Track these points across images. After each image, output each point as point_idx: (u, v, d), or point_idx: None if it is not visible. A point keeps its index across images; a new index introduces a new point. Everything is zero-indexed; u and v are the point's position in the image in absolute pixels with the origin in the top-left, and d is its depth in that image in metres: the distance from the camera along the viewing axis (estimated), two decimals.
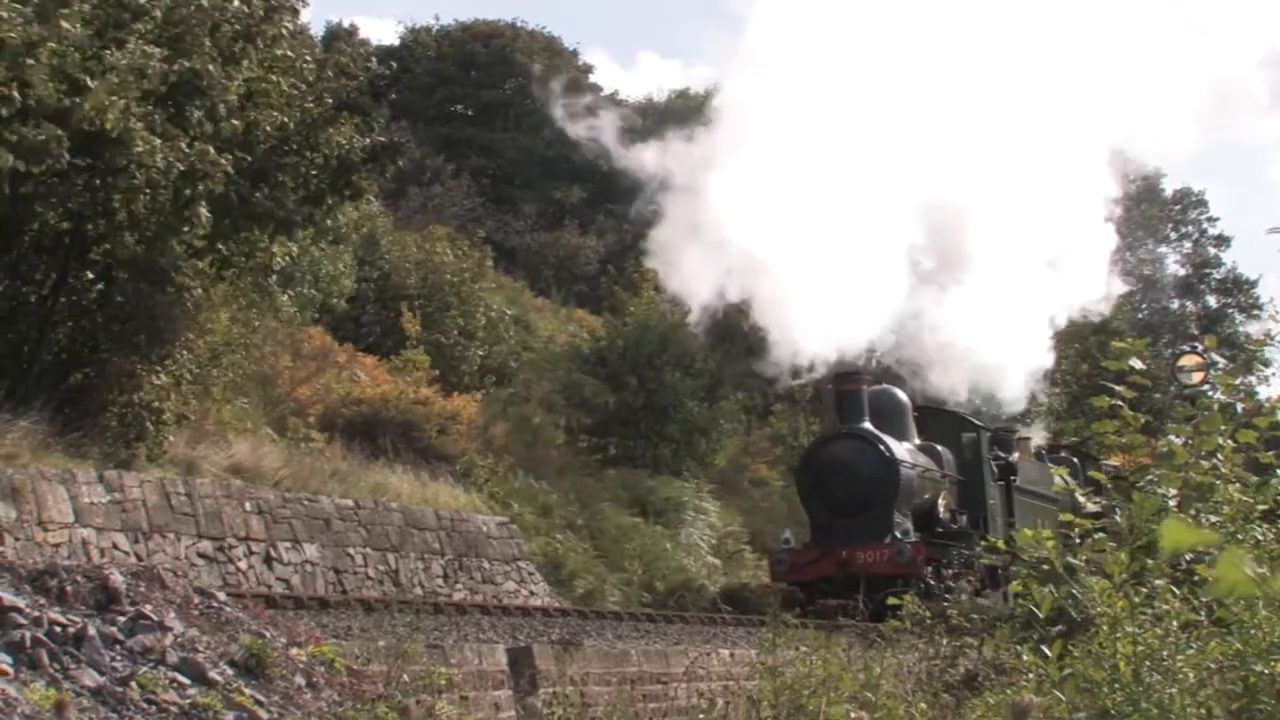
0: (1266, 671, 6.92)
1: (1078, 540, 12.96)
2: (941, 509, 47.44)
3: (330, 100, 47.49)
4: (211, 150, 39.73)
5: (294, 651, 22.53)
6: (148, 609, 21.68)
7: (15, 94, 35.20)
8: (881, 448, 43.35)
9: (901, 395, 50.56)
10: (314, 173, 45.87)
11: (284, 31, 45.73)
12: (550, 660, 27.17)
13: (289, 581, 39.27)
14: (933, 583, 41.88)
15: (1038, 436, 71.56)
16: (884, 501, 42.14)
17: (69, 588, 21.54)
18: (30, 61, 34.18)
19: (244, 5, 43.68)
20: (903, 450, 45.76)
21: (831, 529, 43.41)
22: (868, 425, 45.45)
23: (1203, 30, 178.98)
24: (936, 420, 52.13)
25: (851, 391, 45.56)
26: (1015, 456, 56.39)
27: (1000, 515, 51.54)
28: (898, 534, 43.64)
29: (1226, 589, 5.94)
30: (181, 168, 38.72)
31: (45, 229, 39.05)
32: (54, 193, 37.29)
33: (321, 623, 25.75)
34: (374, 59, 48.95)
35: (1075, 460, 61.74)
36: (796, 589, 46.65)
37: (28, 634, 20.16)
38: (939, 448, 50.42)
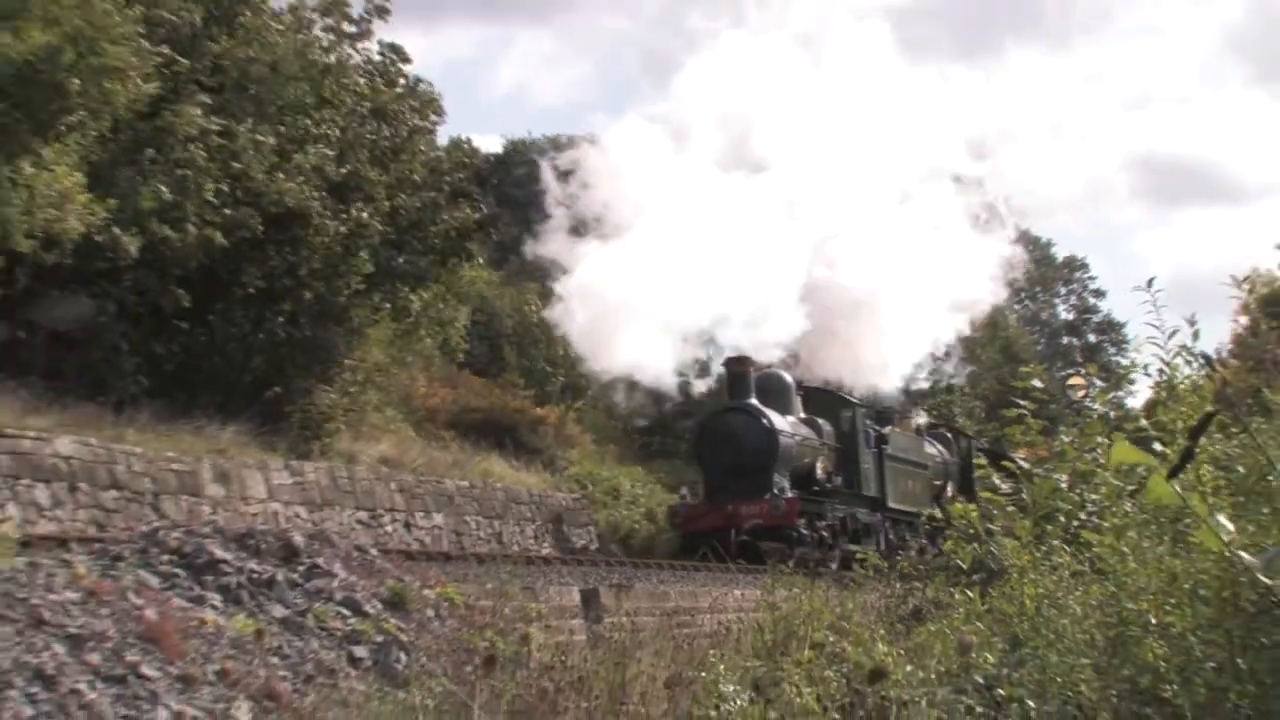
0: (1134, 607, 7.01)
1: (994, 511, 13.05)
2: (819, 471, 45.61)
3: (448, 189, 50.36)
4: (366, 214, 43.05)
5: (426, 592, 22.82)
6: (320, 561, 22.06)
7: (224, 186, 36.15)
8: (764, 420, 42.83)
9: (787, 377, 49.00)
10: (438, 241, 48.88)
11: (420, 148, 48.69)
12: (611, 598, 27.49)
13: (422, 541, 40.04)
14: (805, 531, 41.87)
15: (921, 418, 68.42)
16: (765, 465, 41.34)
17: (263, 545, 21.94)
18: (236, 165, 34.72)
19: (394, 131, 47.36)
20: (783, 422, 44.79)
21: (722, 487, 42.51)
22: (753, 401, 44.73)
23: (1084, 139, 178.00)
24: (821, 398, 50.87)
25: (740, 373, 44.92)
26: (888, 430, 54.15)
27: (873, 476, 50.05)
28: (776, 491, 42.55)
29: (1154, 499, 6.09)
30: (345, 230, 42.08)
31: (247, 284, 39.80)
32: (252, 258, 38.32)
33: (445, 571, 25.87)
34: (480, 159, 50.17)
35: (949, 435, 62.94)
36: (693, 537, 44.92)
37: (233, 579, 20.56)
38: (820, 421, 48.97)
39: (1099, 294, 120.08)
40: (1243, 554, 6.23)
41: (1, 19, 32.32)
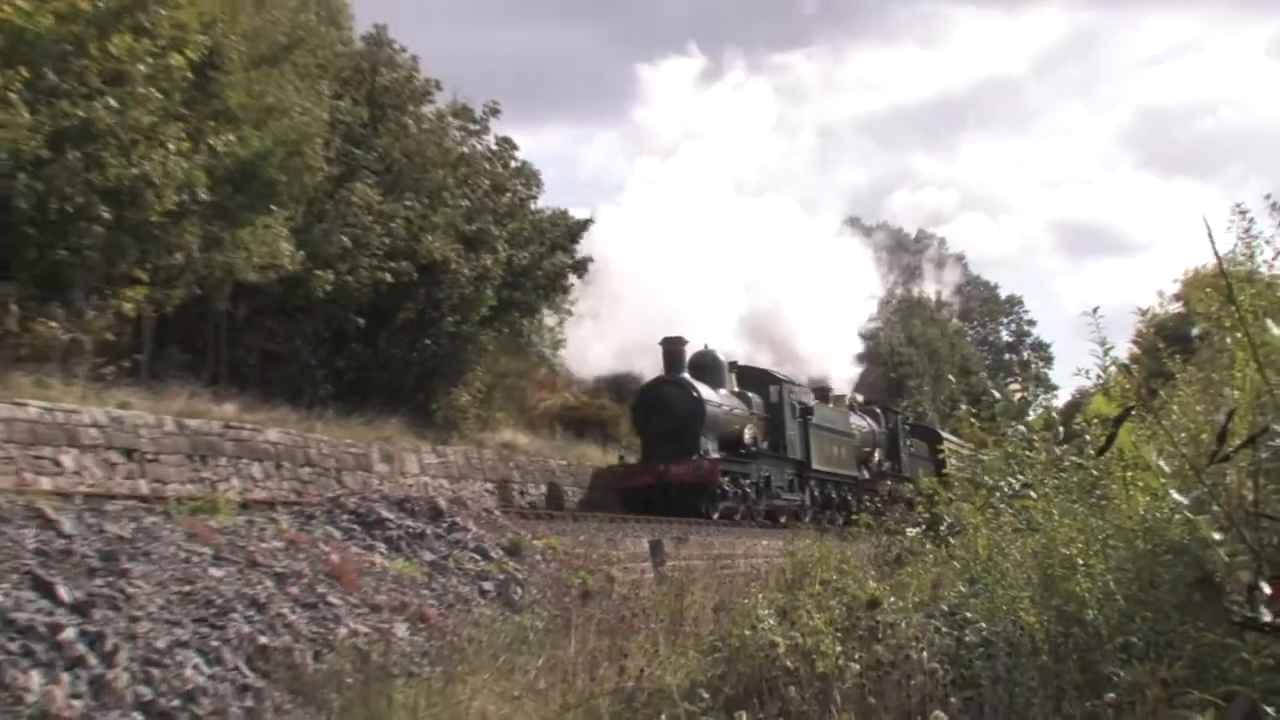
0: (1065, 552, 6.98)
1: (955, 482, 12.98)
2: (747, 436, 42.05)
3: (548, 243, 50.99)
4: (489, 262, 44.26)
5: (535, 542, 22.95)
6: (458, 519, 22.24)
7: (386, 241, 37.18)
8: (693, 392, 39.29)
9: (719, 355, 44.91)
10: (542, 281, 50.18)
11: (527, 213, 49.58)
12: (671, 547, 27.49)
13: (533, 504, 39.46)
14: (728, 488, 39.05)
15: (859, 397, 61.91)
16: (693, 430, 38.09)
17: (416, 508, 22.13)
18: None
19: (508, 200, 48.81)
20: (711, 393, 40.94)
21: (656, 450, 39.27)
22: (686, 375, 40.94)
23: (1017, 210, 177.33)
24: (753, 375, 46.94)
25: (674, 350, 41.19)
26: (814, 403, 50.43)
27: (799, 442, 46.45)
28: (702, 454, 38.87)
29: (1118, 448, 6.00)
30: (474, 274, 43.51)
31: (404, 315, 40.85)
32: (407, 295, 39.32)
33: (549, 526, 25.91)
34: (571, 221, 50.44)
35: (878, 410, 59.00)
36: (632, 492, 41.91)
37: (395, 533, 20.72)
38: (750, 394, 45.04)
39: (1031, 323, 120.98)
40: (1174, 494, 6.16)
41: (230, 125, 32.84)
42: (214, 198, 31.91)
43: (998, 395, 13.40)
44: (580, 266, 50.51)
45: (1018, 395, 16.58)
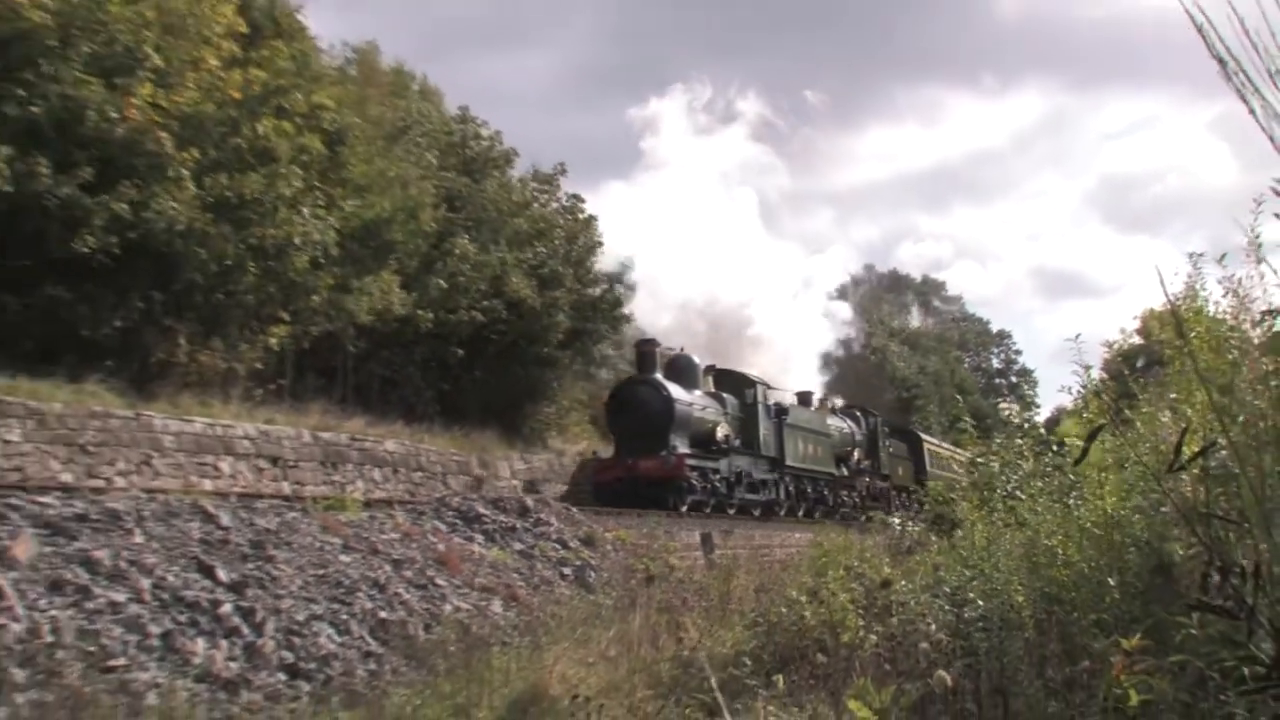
0: (1047, 544, 6.95)
1: (961, 484, 12.88)
2: (719, 435, 37.06)
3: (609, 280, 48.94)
4: (559, 296, 43.41)
5: (606, 534, 22.93)
6: (542, 515, 22.25)
7: (480, 285, 37.27)
8: (663, 391, 34.72)
9: (695, 359, 40.11)
10: (607, 312, 48.16)
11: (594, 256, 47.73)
12: (719, 538, 27.38)
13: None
14: (696, 483, 34.07)
15: (840, 401, 55.65)
16: (663, 428, 33.60)
17: (508, 506, 22.18)
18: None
19: (577, 245, 47.26)
20: (681, 393, 36.05)
21: (628, 446, 34.40)
22: (657, 376, 36.26)
23: (1002, 259, 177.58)
24: (730, 378, 41.64)
25: (647, 352, 36.81)
26: (789, 405, 44.87)
27: (773, 441, 41.21)
28: (669, 450, 34.08)
29: (1090, 461, 5.99)
30: (546, 306, 42.39)
31: (495, 346, 40.79)
32: (497, 329, 39.31)
33: (618, 521, 25.83)
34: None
35: (858, 414, 53.27)
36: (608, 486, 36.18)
37: (490, 526, 20.72)
38: (725, 395, 39.99)
39: (1018, 352, 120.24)
40: (1130, 512, 6.25)
41: (359, 191, 33.47)
42: (342, 253, 32.64)
43: (1005, 417, 13.34)
44: (615, 309, 49.18)
45: (1012, 416, 16.47)
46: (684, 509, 31.85)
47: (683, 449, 32.94)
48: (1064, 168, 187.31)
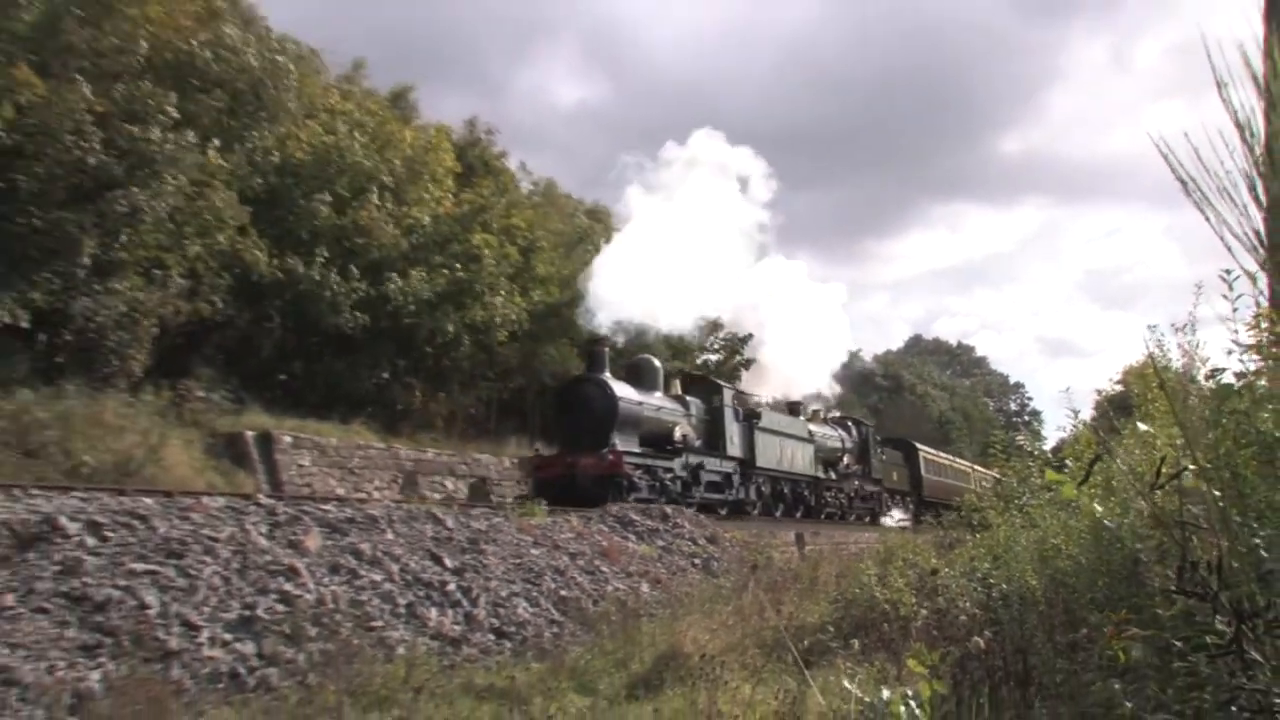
0: (1054, 541, 6.86)
1: (985, 494, 12.63)
2: (677, 435, 29.34)
3: (731, 347, 46.95)
4: (694, 361, 42.01)
5: (726, 534, 22.69)
6: (678, 520, 22.04)
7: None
8: (608, 390, 27.42)
9: (656, 362, 31.51)
10: (729, 373, 43.21)
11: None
12: (809, 537, 27.09)
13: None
14: (638, 480, 26.40)
15: (836, 412, 46.69)
16: (605, 425, 26.66)
17: (653, 513, 21.91)
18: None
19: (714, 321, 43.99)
20: (632, 393, 28.27)
21: (570, 443, 27.12)
22: (605, 375, 28.19)
23: (1013, 330, 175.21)
24: (700, 383, 33.36)
25: (596, 351, 28.85)
26: (760, 408, 34.93)
27: (740, 442, 32.55)
28: (610, 447, 26.51)
29: (1066, 496, 5.93)
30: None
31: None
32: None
33: (735, 525, 25.66)
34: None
35: (850, 423, 44.95)
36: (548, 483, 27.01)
37: (641, 528, 20.53)
38: (691, 398, 31.53)
39: (1029, 398, 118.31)
40: (1105, 521, 6.17)
41: (541, 285, 34.37)
42: (533, 329, 33.69)
43: (1023, 446, 13.21)
44: (747, 365, 45.46)
45: (1029, 445, 16.14)
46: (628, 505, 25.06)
47: (628, 447, 26.51)
48: (1057, 262, 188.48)
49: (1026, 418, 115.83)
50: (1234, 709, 4.51)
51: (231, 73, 26.36)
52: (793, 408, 40.19)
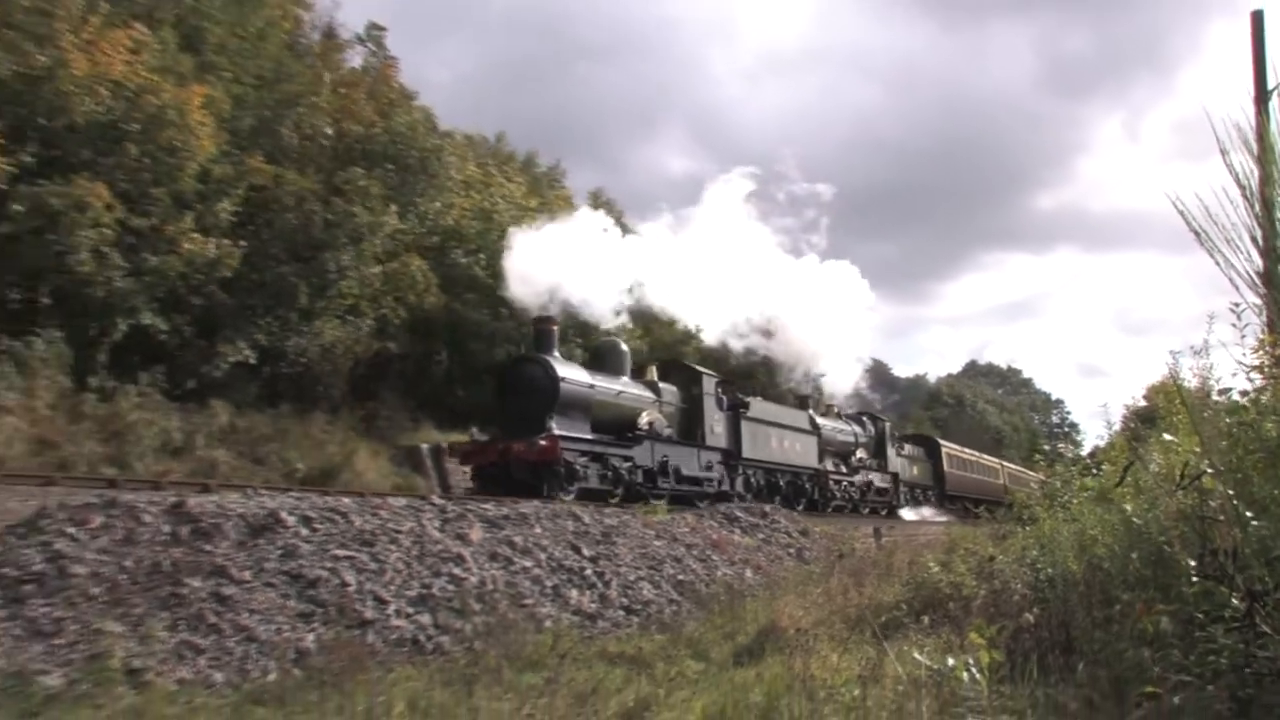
0: (1092, 532, 6.75)
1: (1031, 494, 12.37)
2: (641, 422, 23.41)
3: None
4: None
5: (815, 528, 22.45)
6: (776, 517, 21.84)
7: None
8: (550, 370, 21.69)
9: (623, 346, 25.31)
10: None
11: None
12: (885, 530, 26.63)
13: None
14: (582, 468, 21.06)
15: (849, 407, 39.09)
16: (544, 409, 21.00)
17: (754, 511, 21.73)
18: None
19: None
20: (578, 374, 22.54)
21: (510, 427, 21.30)
22: (552, 355, 22.21)
23: (1053, 355, 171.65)
24: (679, 370, 26.99)
25: (543, 330, 22.90)
26: (750, 399, 28.83)
27: (725, 433, 26.59)
28: (546, 431, 20.62)
29: (1102, 495, 5.86)
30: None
31: None
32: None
33: (823, 519, 25.39)
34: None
35: (864, 418, 38.23)
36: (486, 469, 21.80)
37: (744, 523, 20.39)
38: (664, 385, 25.45)
39: (1068, 412, 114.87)
40: (1134, 518, 6.12)
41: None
42: (657, 361, 33.43)
43: (1064, 453, 12.96)
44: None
45: (1070, 453, 15.81)
46: (568, 497, 19.89)
47: (576, 432, 21.18)
48: (1089, 298, 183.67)
49: (1066, 429, 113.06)
50: (1247, 672, 4.48)
51: (403, 151, 27.09)
52: (801, 401, 34.20)
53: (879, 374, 68.03)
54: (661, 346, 35.85)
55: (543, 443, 19.90)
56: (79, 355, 19.51)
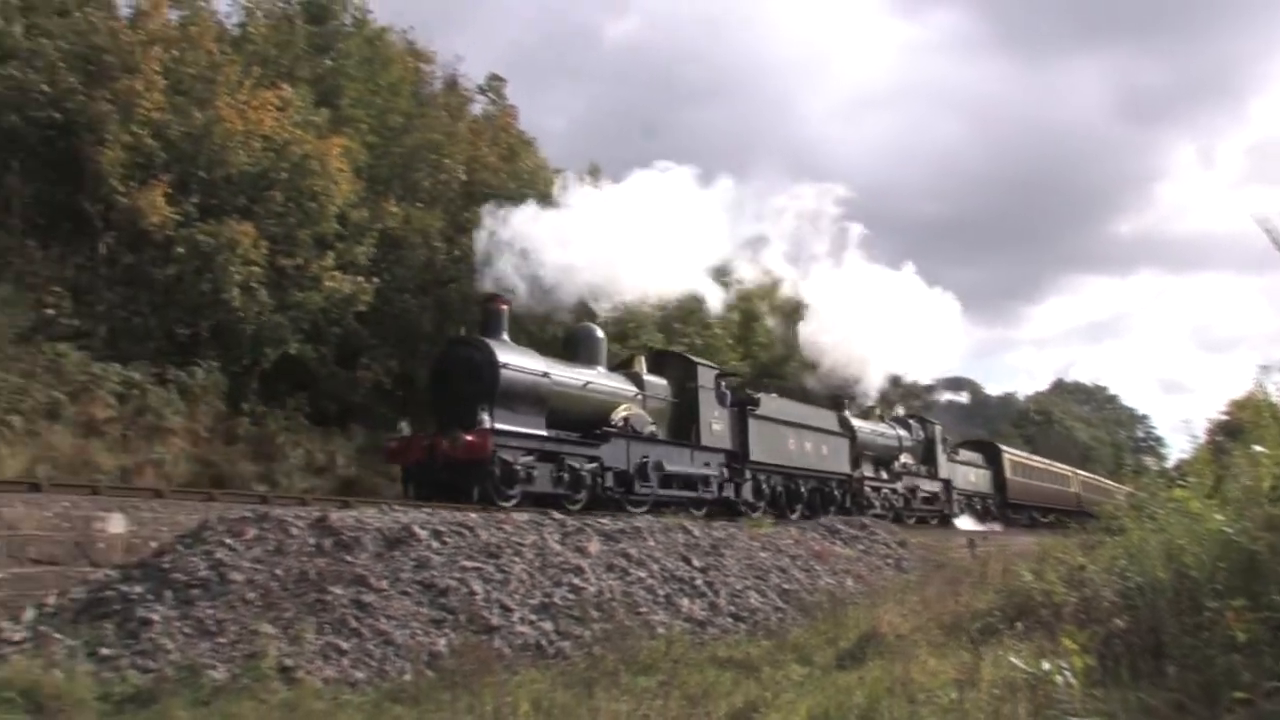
0: (1180, 542, 6.58)
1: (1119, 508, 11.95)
2: (616, 417, 18.85)
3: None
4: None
5: (912, 539, 22.03)
6: (874, 529, 21.48)
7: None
8: (488, 354, 16.94)
9: (598, 332, 20.55)
10: None
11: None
12: (980, 542, 25.94)
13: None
14: (523, 468, 16.37)
15: (899, 410, 34.12)
16: (478, 399, 16.25)
17: (853, 524, 21.46)
18: None
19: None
20: (525, 360, 17.51)
21: (445, 421, 16.59)
22: (497, 340, 17.46)
23: (1135, 372, 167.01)
24: (672, 361, 22.08)
25: (490, 310, 18.16)
26: (760, 395, 23.96)
27: (728, 432, 21.80)
28: (477, 424, 15.95)
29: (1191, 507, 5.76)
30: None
31: None
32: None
33: (920, 531, 24.90)
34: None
35: (911, 421, 33.35)
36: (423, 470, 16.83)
37: (844, 535, 20.15)
38: (649, 377, 20.58)
39: (1153, 426, 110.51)
40: (1225, 528, 5.98)
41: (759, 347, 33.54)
42: (756, 381, 32.82)
43: (1152, 466, 12.59)
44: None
45: (1156, 465, 15.35)
46: (509, 504, 15.97)
47: (517, 426, 16.80)
48: (1169, 318, 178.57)
49: (1151, 443, 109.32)
50: None
51: (527, 192, 27.58)
52: (836, 401, 29.67)
53: (962, 387, 66.61)
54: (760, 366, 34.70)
55: (469, 438, 15.77)
56: (234, 383, 20.29)
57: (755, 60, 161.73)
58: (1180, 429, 46.36)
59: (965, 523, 34.47)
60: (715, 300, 26.22)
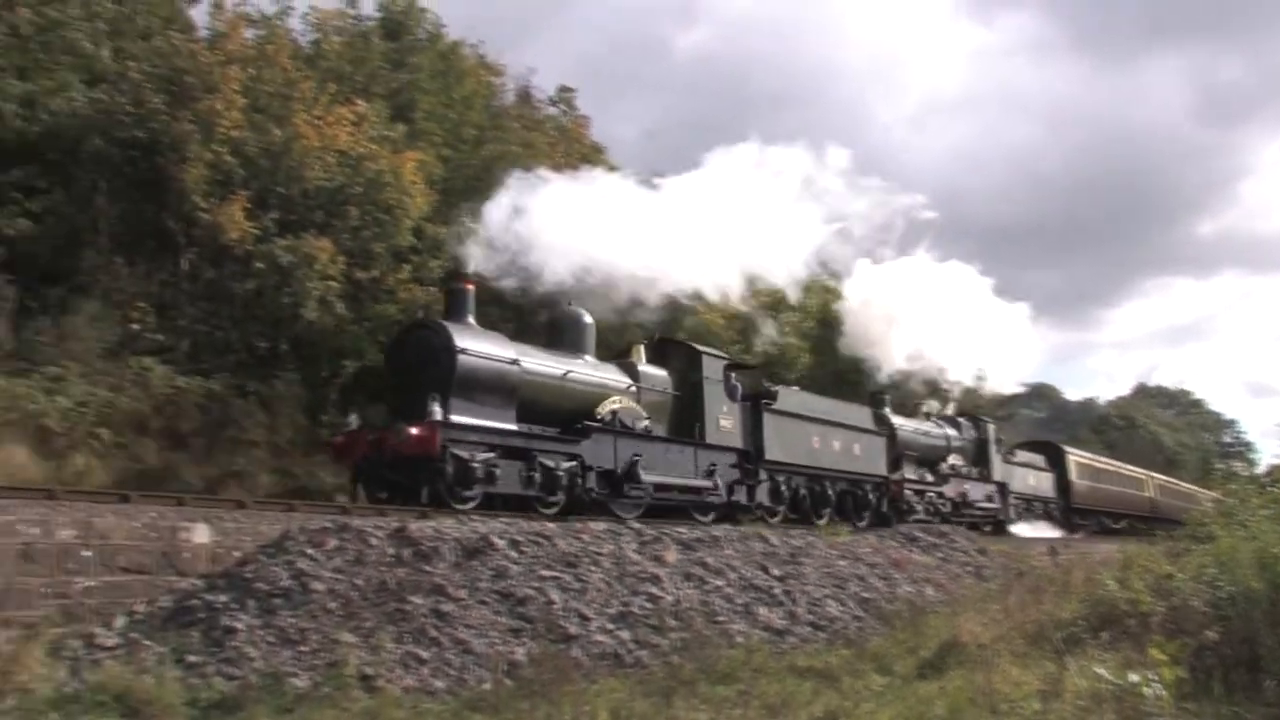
0: (1274, 551, 6.43)
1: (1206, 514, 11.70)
2: (603, 411, 16.62)
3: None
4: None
5: (991, 548, 21.71)
6: (953, 537, 21.17)
7: None
8: (445, 338, 14.81)
9: (586, 318, 18.00)
10: None
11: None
12: (1061, 548, 25.42)
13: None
14: (481, 466, 14.29)
15: (949, 409, 31.56)
16: (431, 387, 14.32)
17: (931, 532, 21.22)
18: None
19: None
20: (487, 345, 15.26)
21: (401, 411, 14.54)
22: (465, 321, 15.45)
23: (1217, 375, 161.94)
24: (674, 351, 19.59)
25: (455, 292, 15.92)
26: (777, 388, 21.64)
27: (740, 429, 19.69)
28: (426, 416, 14.07)
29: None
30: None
31: None
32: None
33: (1000, 539, 24.55)
34: None
35: (962, 420, 30.99)
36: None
37: (923, 544, 19.90)
38: (644, 368, 18.38)
39: (1241, 431, 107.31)
40: None
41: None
42: (833, 389, 32.21)
43: (1238, 471, 12.27)
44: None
45: (1247, 471, 14.97)
46: (466, 506, 14.40)
47: (476, 419, 14.94)
48: (1255, 319, 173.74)
49: (1239, 448, 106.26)
50: None
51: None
52: (874, 398, 27.65)
53: (1043, 394, 65.30)
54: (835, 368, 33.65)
55: (414, 430, 14.09)
56: (313, 395, 20.69)
57: (826, 67, 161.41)
58: (1271, 433, 44.88)
59: (1024, 529, 32.37)
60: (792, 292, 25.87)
